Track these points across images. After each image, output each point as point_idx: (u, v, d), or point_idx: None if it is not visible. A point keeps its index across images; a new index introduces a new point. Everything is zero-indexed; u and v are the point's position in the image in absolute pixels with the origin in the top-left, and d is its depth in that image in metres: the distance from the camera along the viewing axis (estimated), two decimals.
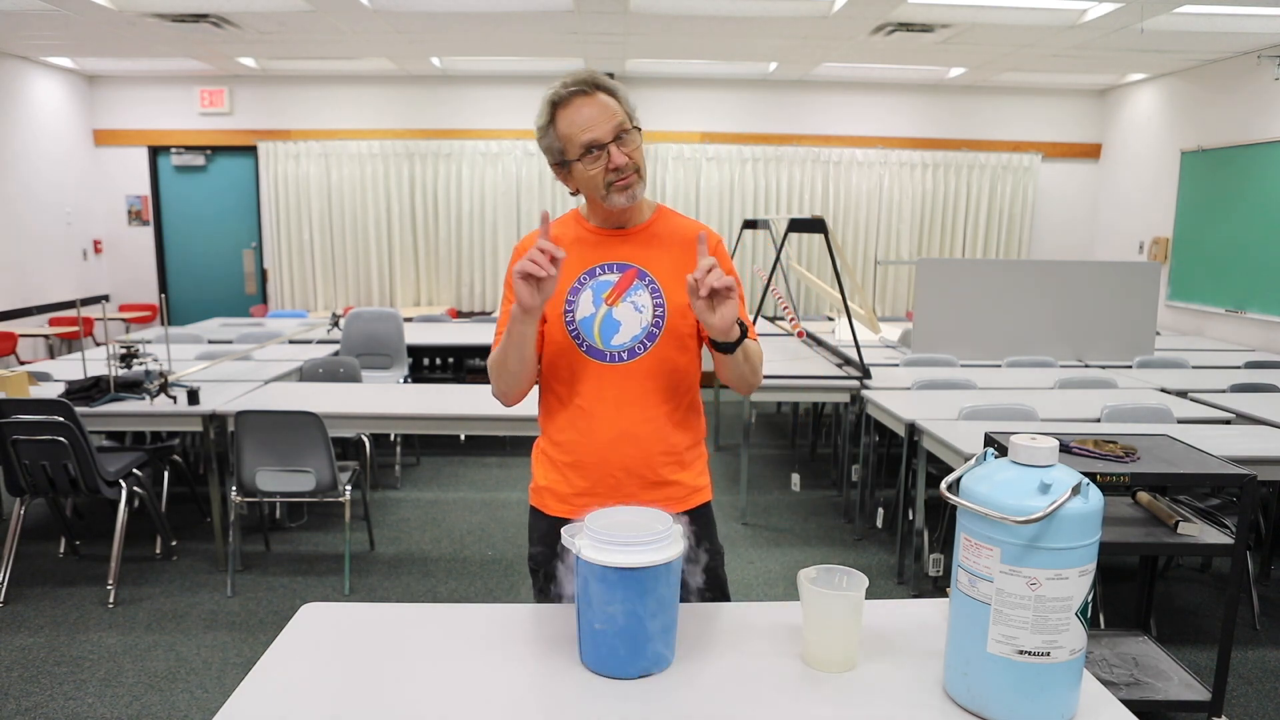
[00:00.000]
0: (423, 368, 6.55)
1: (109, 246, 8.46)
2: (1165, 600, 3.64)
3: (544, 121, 1.66)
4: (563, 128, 1.64)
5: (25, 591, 3.61)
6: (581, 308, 1.69)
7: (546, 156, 1.70)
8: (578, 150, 1.63)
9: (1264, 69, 6.37)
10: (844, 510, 4.71)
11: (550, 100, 1.64)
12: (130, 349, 3.87)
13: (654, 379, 1.70)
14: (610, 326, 1.68)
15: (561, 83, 1.64)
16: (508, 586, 3.72)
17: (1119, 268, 5.29)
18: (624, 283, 1.70)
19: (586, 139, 1.62)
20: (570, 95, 1.62)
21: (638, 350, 1.69)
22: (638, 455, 1.70)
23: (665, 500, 1.71)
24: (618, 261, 1.71)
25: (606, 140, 1.62)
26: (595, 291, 1.69)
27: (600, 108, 1.63)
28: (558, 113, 1.64)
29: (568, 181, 1.72)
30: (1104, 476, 2.42)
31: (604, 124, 1.62)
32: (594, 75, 1.65)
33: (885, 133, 8.45)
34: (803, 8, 5.61)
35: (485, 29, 6.24)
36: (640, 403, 1.70)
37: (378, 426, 4.12)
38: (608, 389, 1.69)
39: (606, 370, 1.69)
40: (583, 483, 1.72)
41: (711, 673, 1.36)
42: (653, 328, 1.69)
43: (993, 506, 1.19)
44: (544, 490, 1.77)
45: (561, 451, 1.74)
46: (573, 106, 1.62)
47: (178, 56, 7.24)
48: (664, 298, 1.70)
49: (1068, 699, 1.22)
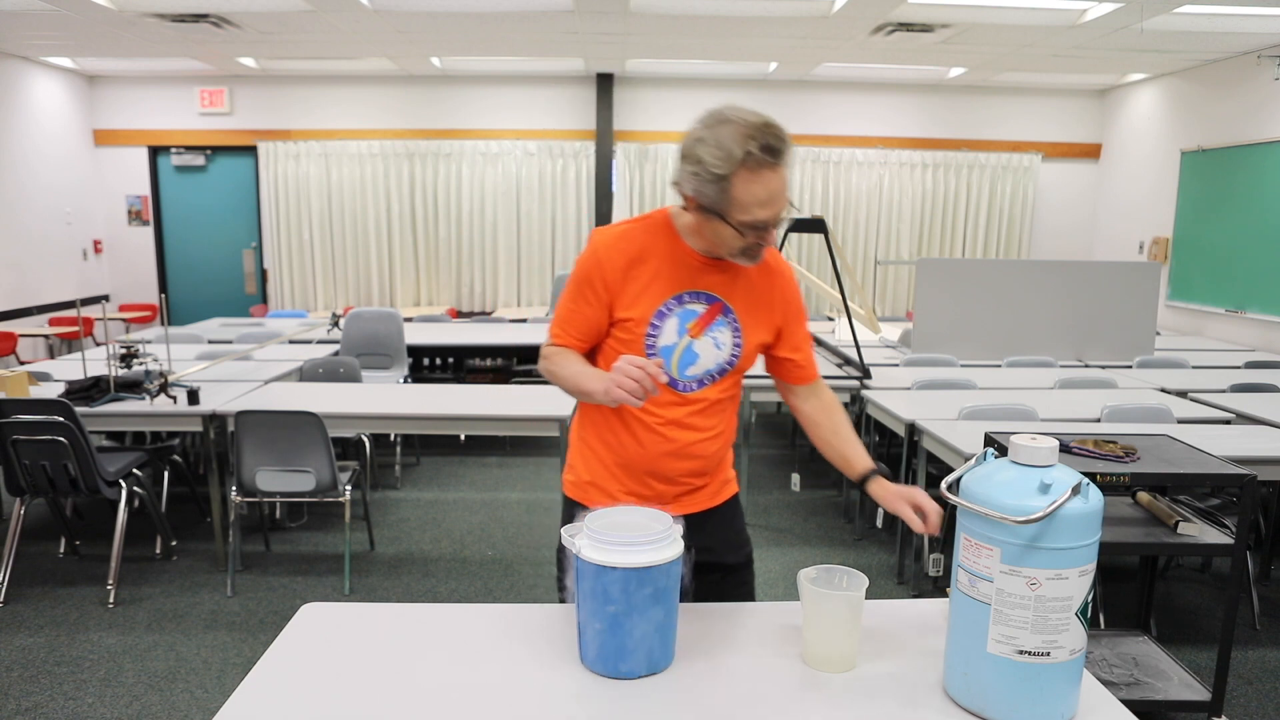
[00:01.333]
0: (423, 368, 6.55)
1: (109, 246, 8.46)
2: (1165, 600, 3.64)
3: (722, 172, 1.47)
4: (740, 192, 1.48)
5: (25, 591, 3.60)
6: (665, 335, 1.66)
7: (694, 192, 1.54)
8: (744, 220, 1.51)
9: (1264, 69, 6.37)
10: (844, 510, 4.71)
11: (741, 154, 1.46)
12: (130, 349, 3.87)
13: (714, 405, 1.73)
14: (689, 358, 1.68)
15: (759, 139, 1.46)
16: (508, 586, 3.72)
17: (1119, 268, 5.29)
18: (709, 316, 1.67)
19: (762, 217, 1.51)
20: (763, 163, 1.47)
21: (706, 381, 1.70)
22: (688, 468, 1.74)
23: (700, 499, 1.79)
24: (705, 291, 1.67)
25: (773, 222, 1.54)
26: (681, 320, 1.66)
27: (783, 184, 1.51)
28: (742, 171, 1.47)
29: (698, 218, 1.58)
30: (1104, 476, 2.42)
31: (779, 206, 1.52)
32: (788, 142, 1.49)
33: (885, 133, 8.46)
34: (803, 8, 5.61)
35: (485, 29, 6.24)
36: (700, 427, 1.72)
37: (378, 426, 4.12)
38: (673, 412, 1.69)
39: (675, 396, 1.69)
40: (631, 483, 1.74)
41: (711, 673, 1.36)
42: (726, 364, 1.71)
43: (993, 506, 1.19)
44: (589, 485, 1.77)
45: (610, 452, 1.74)
46: (762, 178, 1.48)
47: (178, 56, 7.24)
48: (742, 338, 1.70)
49: (1068, 699, 1.22)
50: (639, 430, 1.70)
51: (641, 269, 1.64)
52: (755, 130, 1.46)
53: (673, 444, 1.70)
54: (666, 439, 1.70)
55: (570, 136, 8.31)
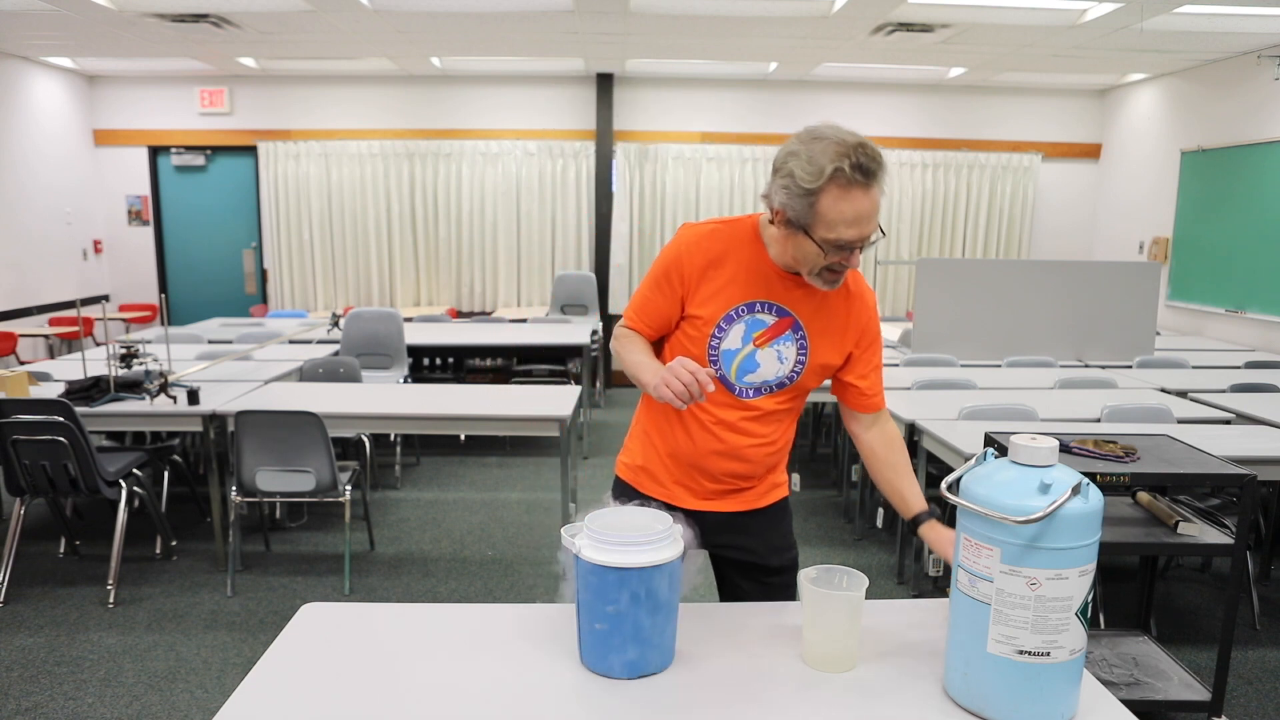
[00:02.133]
0: (423, 368, 6.55)
1: (109, 246, 8.46)
2: (1165, 600, 3.64)
3: (812, 185, 1.46)
4: (827, 208, 1.47)
5: (25, 591, 3.60)
6: (730, 339, 1.67)
7: (782, 204, 1.52)
8: (828, 238, 1.49)
9: (1264, 69, 6.37)
10: (844, 510, 4.71)
11: (832, 169, 1.44)
12: (130, 349, 3.87)
13: (771, 415, 1.73)
14: (749, 365, 1.68)
15: (852, 156, 1.44)
16: (508, 586, 3.72)
17: (1119, 268, 5.28)
18: (777, 329, 1.68)
19: (847, 236, 1.49)
20: (854, 182, 1.45)
21: (764, 391, 1.71)
22: (737, 469, 1.75)
23: (748, 497, 1.80)
24: (777, 303, 1.66)
25: (859, 244, 1.51)
26: (748, 328, 1.67)
27: (873, 206, 1.48)
28: (831, 187, 1.45)
29: (782, 231, 1.56)
30: (1104, 476, 2.42)
31: (867, 228, 1.50)
32: (882, 163, 1.48)
33: (885, 133, 8.45)
34: (803, 8, 5.61)
35: (485, 29, 6.24)
36: (753, 433, 1.73)
37: (378, 426, 4.12)
38: (727, 414, 1.71)
39: (731, 399, 1.70)
40: (681, 474, 1.77)
41: (711, 673, 1.36)
42: (786, 379, 1.71)
43: (993, 506, 1.19)
44: (641, 470, 1.81)
45: (664, 440, 1.77)
46: (852, 196, 1.46)
47: (178, 56, 7.24)
48: (808, 356, 1.70)
49: (1068, 699, 1.22)
50: (692, 425, 1.72)
51: (719, 271, 1.65)
52: (849, 149, 1.45)
53: (722, 444, 1.72)
54: (717, 438, 1.71)
55: (570, 136, 8.31)
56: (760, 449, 1.74)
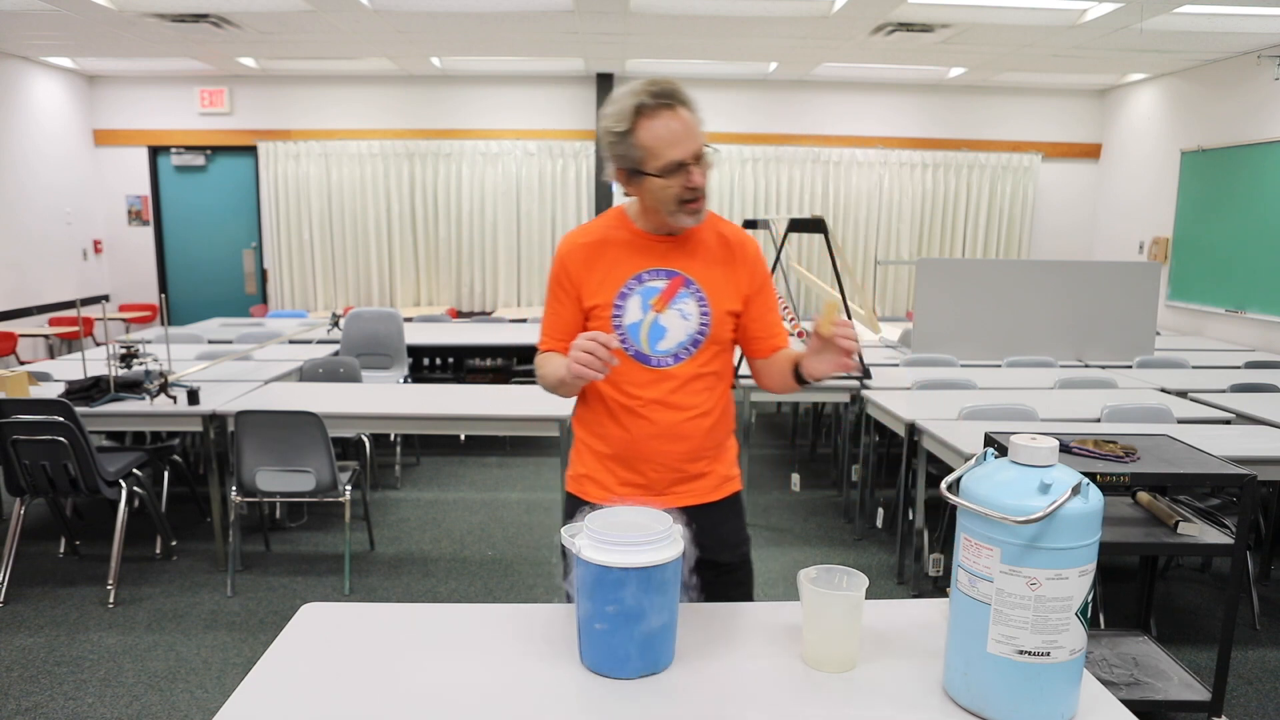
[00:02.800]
0: (423, 368, 6.55)
1: (109, 246, 8.46)
2: (1165, 600, 3.64)
3: (623, 128, 1.59)
4: (645, 138, 1.58)
5: (25, 591, 3.60)
6: (629, 313, 1.71)
7: (615, 162, 1.65)
8: (659, 165, 1.59)
9: (1264, 69, 6.37)
10: (844, 510, 4.71)
11: (635, 106, 1.57)
12: (130, 349, 3.87)
13: (697, 381, 1.74)
14: (657, 332, 1.71)
15: (647, 90, 1.57)
16: (508, 586, 3.72)
17: (1119, 268, 5.28)
18: (671, 290, 1.71)
19: (673, 156, 1.57)
20: (658, 106, 1.57)
21: (682, 355, 1.73)
22: (678, 452, 1.75)
23: (698, 491, 1.78)
24: (665, 268, 1.72)
25: (690, 161, 1.59)
26: (643, 297, 1.71)
27: (686, 125, 1.58)
28: (641, 121, 1.57)
29: (632, 189, 1.68)
30: (1104, 476, 2.42)
31: (690, 143, 1.58)
32: (679, 87, 1.59)
33: (885, 133, 8.46)
34: (803, 8, 5.61)
35: (485, 29, 6.24)
36: (683, 405, 1.73)
37: (378, 426, 4.12)
38: (652, 391, 1.72)
39: (651, 373, 1.72)
40: (624, 473, 1.77)
41: (711, 673, 1.35)
42: (698, 335, 1.73)
43: (993, 506, 1.19)
44: (584, 478, 1.81)
45: (604, 444, 1.78)
46: (660, 119, 1.57)
47: (178, 56, 7.24)
48: (709, 306, 1.72)
49: (1068, 699, 1.22)
50: (622, 415, 1.74)
51: (601, 258, 1.73)
52: (642, 85, 1.58)
53: (656, 425, 1.72)
54: (650, 421, 1.72)
55: (570, 136, 8.31)
56: (697, 422, 1.74)
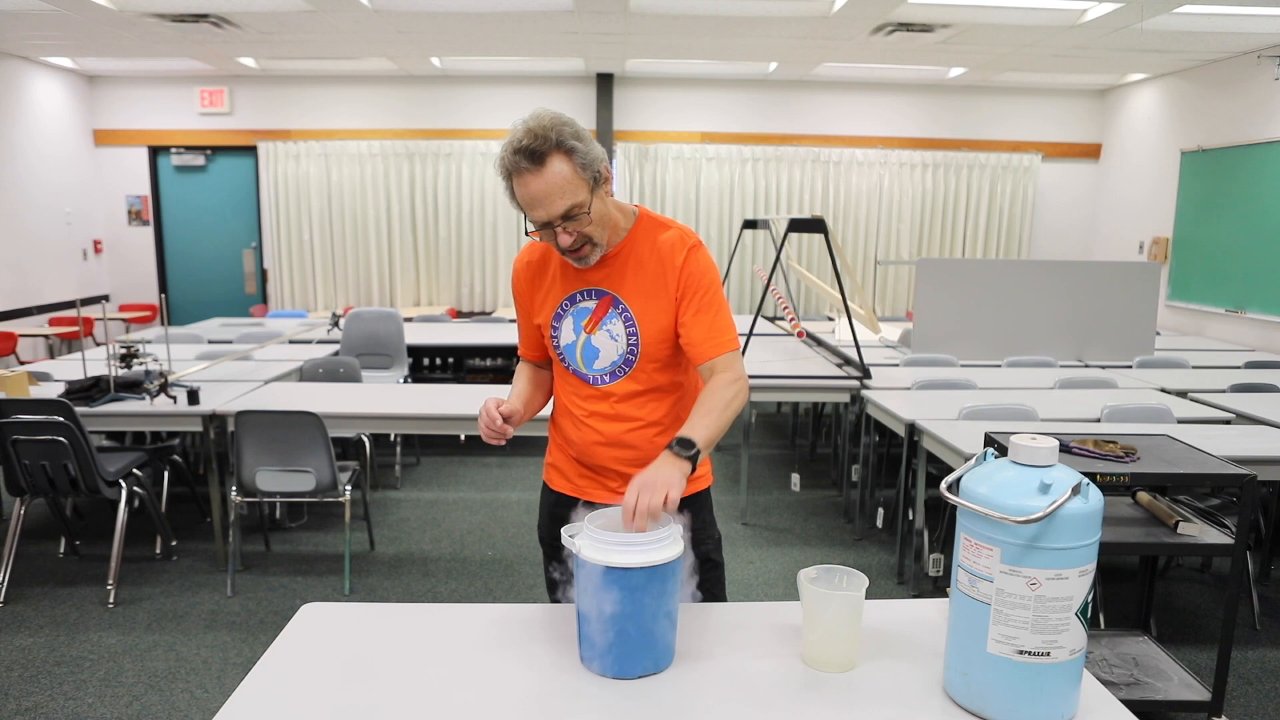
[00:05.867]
0: (423, 368, 6.55)
1: (109, 246, 8.46)
2: (1165, 600, 3.64)
3: (505, 181, 1.58)
4: (518, 195, 1.57)
5: (25, 591, 3.60)
6: (564, 335, 1.75)
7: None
8: (531, 221, 1.59)
9: (1264, 69, 6.37)
10: (844, 510, 4.71)
11: (508, 167, 1.54)
12: (130, 349, 3.87)
13: (637, 396, 1.75)
14: (590, 352, 1.74)
15: (513, 146, 1.52)
16: (508, 586, 3.72)
17: (1119, 268, 5.28)
18: (600, 311, 1.72)
19: (537, 218, 1.56)
20: (522, 169, 1.52)
21: (618, 374, 1.74)
22: (626, 458, 1.77)
23: None
24: (596, 288, 1.73)
25: (556, 221, 1.56)
26: (575, 319, 1.74)
27: (548, 184, 1.52)
28: (512, 182, 1.56)
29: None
30: (1104, 476, 2.42)
31: (552, 204, 1.53)
32: (547, 135, 1.50)
33: (885, 133, 8.46)
34: (803, 8, 5.61)
35: (485, 29, 6.24)
36: (627, 416, 1.76)
37: (378, 426, 4.12)
38: (595, 405, 1.77)
39: (590, 389, 1.77)
40: (582, 469, 1.84)
41: (711, 673, 1.35)
42: (629, 354, 1.73)
43: (993, 506, 1.19)
44: (551, 468, 1.91)
45: (562, 437, 1.86)
46: (522, 181, 1.53)
47: (178, 56, 7.24)
48: (637, 327, 1.71)
49: (1068, 699, 1.22)
50: (567, 423, 1.82)
51: (543, 277, 1.77)
52: (514, 139, 1.52)
53: (600, 435, 1.77)
54: (595, 430, 1.77)
55: None
56: (642, 432, 1.75)
